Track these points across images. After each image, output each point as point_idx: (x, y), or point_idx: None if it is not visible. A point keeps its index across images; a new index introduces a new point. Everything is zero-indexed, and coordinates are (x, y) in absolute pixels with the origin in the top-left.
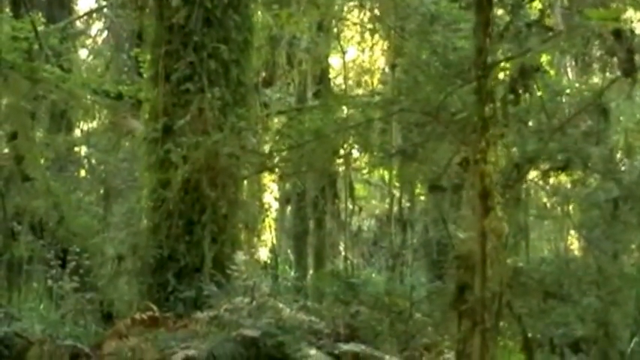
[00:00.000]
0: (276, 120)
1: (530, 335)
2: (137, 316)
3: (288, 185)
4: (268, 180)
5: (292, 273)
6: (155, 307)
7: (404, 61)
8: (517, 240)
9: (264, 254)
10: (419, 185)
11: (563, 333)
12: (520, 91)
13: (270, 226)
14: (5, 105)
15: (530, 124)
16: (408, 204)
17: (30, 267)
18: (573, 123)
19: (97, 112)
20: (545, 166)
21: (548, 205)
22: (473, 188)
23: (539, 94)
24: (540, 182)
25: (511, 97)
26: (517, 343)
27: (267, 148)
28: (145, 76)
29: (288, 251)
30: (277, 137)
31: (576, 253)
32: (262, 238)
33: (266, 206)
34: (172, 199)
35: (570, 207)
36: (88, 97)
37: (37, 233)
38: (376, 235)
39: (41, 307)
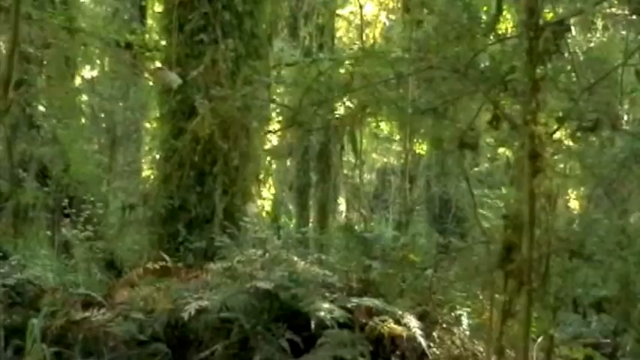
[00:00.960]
0: (283, 72)
1: (555, 294)
2: (149, 265)
3: (289, 138)
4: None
5: (292, 226)
6: (167, 257)
7: (433, 17)
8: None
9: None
10: (421, 141)
11: (587, 293)
12: (552, 51)
13: (269, 179)
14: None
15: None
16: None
17: (35, 214)
18: (604, 83)
19: (99, 60)
20: (573, 126)
21: (575, 165)
22: (522, 149)
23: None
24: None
25: (546, 57)
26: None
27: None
28: (157, 26)
29: (289, 204)
30: (300, 91)
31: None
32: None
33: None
34: (184, 150)
35: (596, 168)
36: (95, 44)
37: (42, 180)
38: (377, 188)
39: (44, 254)
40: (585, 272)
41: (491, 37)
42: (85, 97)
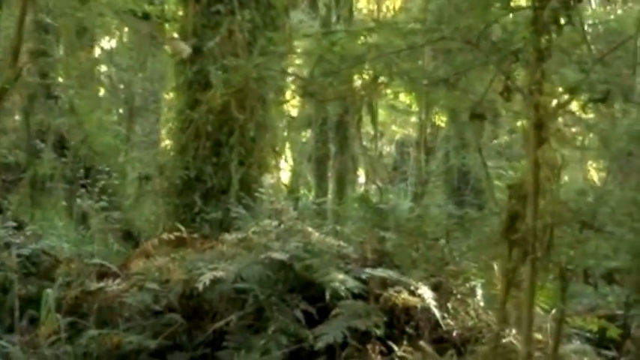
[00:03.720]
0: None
1: (565, 265)
2: (164, 236)
3: (308, 109)
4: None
5: (311, 197)
6: (183, 228)
7: None
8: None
9: (284, 178)
10: (439, 113)
11: (598, 264)
12: (562, 22)
13: (288, 151)
14: (29, 21)
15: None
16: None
17: (52, 185)
18: (616, 54)
19: (117, 30)
20: (584, 97)
21: (586, 136)
22: (527, 119)
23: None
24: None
25: (554, 27)
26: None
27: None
28: None
29: (307, 175)
30: (314, 61)
31: (612, 185)
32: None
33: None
34: (200, 121)
35: (609, 140)
36: (110, 15)
37: (59, 151)
38: (396, 160)
39: (60, 224)
40: (595, 244)
41: (503, 8)
42: (103, 68)
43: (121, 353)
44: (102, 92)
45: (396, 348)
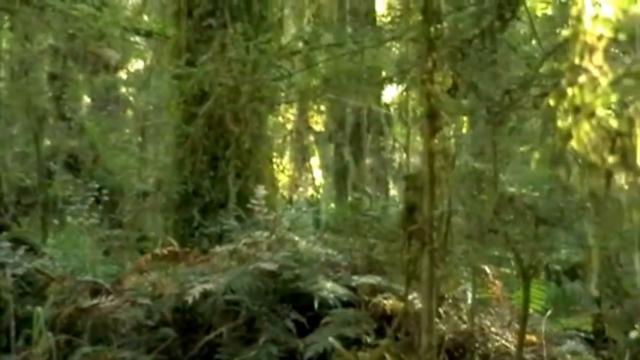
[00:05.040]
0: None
1: (527, 262)
2: (157, 251)
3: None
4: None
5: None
6: (175, 242)
7: None
8: (503, 166)
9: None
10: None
11: (559, 259)
12: (507, 17)
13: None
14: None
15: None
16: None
17: (66, 206)
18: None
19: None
20: (536, 91)
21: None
22: (420, 108)
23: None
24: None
25: (498, 23)
26: (513, 270)
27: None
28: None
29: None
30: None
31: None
32: (307, 175)
33: (307, 143)
34: (196, 135)
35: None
36: (117, 34)
37: (75, 172)
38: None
39: (71, 243)
40: (552, 239)
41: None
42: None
43: None
44: (123, 112)
45: (387, 355)
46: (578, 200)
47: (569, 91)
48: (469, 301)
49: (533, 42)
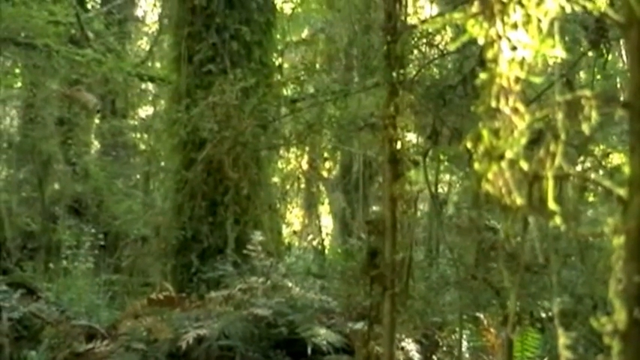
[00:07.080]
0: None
1: (511, 310)
2: (153, 296)
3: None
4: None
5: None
6: (172, 287)
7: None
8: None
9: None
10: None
11: (544, 306)
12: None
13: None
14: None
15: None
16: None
17: (68, 250)
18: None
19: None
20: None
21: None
22: (382, 154)
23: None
24: None
25: (480, 70)
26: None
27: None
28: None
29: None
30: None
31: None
32: (313, 221)
33: (314, 190)
34: (195, 181)
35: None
36: (120, 80)
37: (80, 217)
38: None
39: (68, 287)
40: (540, 285)
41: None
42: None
43: None
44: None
45: None
46: (563, 247)
47: (484, 133)
48: (464, 349)
49: None
